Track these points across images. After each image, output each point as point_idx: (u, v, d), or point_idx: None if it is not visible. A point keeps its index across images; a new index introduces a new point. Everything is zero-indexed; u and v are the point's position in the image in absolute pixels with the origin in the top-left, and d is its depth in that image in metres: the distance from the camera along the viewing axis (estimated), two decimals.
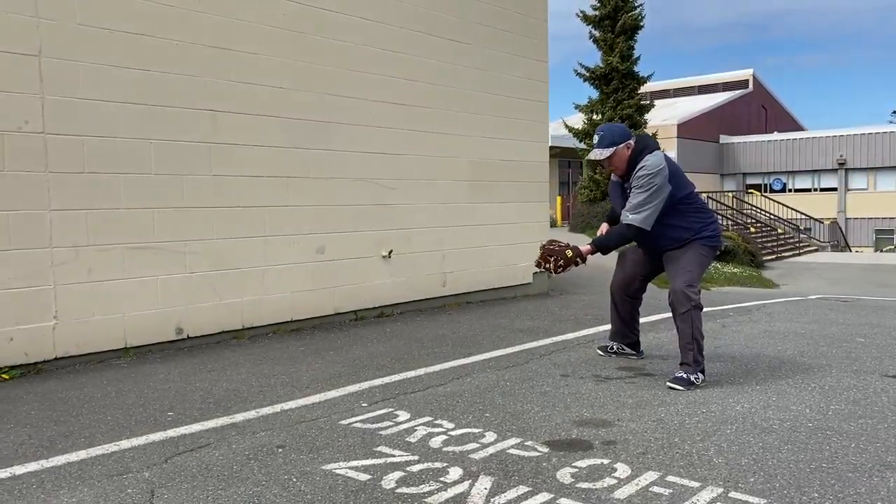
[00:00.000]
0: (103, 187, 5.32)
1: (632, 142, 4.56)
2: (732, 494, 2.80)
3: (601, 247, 4.62)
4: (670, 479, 2.96)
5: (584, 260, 4.62)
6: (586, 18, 22.89)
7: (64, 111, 5.10)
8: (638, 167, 4.48)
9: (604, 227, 5.00)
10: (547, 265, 4.58)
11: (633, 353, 5.18)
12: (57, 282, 5.12)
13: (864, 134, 32.87)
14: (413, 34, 7.54)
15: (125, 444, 3.51)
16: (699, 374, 4.43)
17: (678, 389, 4.31)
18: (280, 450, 3.38)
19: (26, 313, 5.00)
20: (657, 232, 4.54)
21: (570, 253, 4.56)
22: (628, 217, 4.49)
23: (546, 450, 3.31)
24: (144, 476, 3.08)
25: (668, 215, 4.51)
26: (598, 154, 4.54)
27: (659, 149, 4.61)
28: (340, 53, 6.86)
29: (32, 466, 3.23)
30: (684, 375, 4.40)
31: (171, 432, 3.67)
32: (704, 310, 4.64)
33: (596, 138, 4.60)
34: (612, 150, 4.52)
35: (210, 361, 5.37)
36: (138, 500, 2.83)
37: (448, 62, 7.95)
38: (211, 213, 5.96)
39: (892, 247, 29.89)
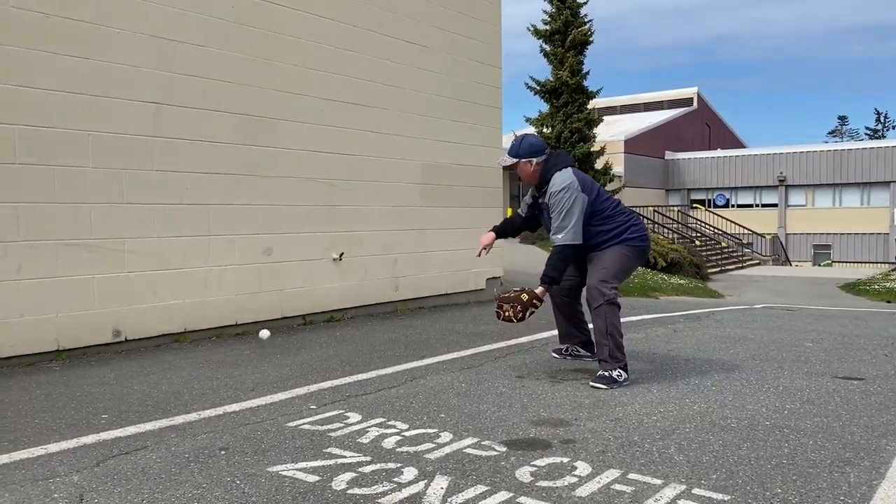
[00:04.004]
0: (36, 180, 5.03)
1: (537, 159, 4.58)
2: (696, 491, 2.72)
3: (550, 280, 4.55)
4: (632, 476, 2.87)
5: (540, 301, 4.56)
6: (538, 33, 23.16)
7: None
8: (549, 187, 4.50)
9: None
10: (507, 314, 4.54)
11: (588, 353, 5.07)
12: None
13: (802, 152, 33.98)
14: (368, 34, 7.41)
15: (53, 447, 3.25)
16: (620, 370, 4.39)
17: (601, 388, 4.27)
18: (223, 452, 3.17)
19: None
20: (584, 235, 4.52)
21: (525, 297, 4.51)
22: (557, 238, 4.48)
23: (504, 449, 3.19)
24: (73, 480, 2.85)
25: (587, 224, 4.50)
26: (503, 160, 4.67)
27: (570, 166, 4.59)
28: (293, 49, 6.69)
29: None
30: (605, 373, 4.37)
31: (105, 435, 3.43)
32: (654, 316, 4.60)
33: (509, 145, 4.65)
34: (513, 160, 4.60)
35: (149, 364, 5.10)
36: None
37: (403, 64, 7.84)
38: (152, 210, 5.69)
39: (829, 262, 30.88)
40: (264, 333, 4.84)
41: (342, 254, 7.21)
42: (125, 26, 5.47)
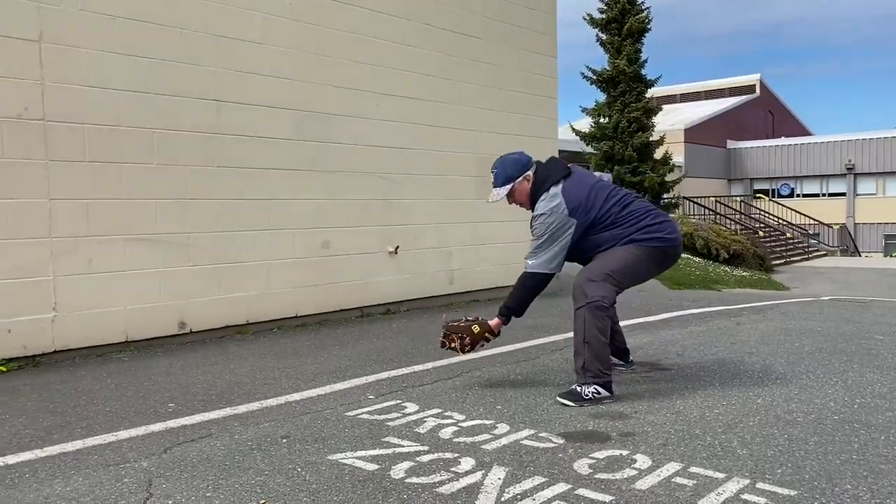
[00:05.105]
0: (105, 176, 5.21)
1: (530, 173, 3.98)
2: (760, 485, 2.65)
3: (508, 312, 4.00)
4: (693, 469, 2.82)
5: (494, 334, 4.05)
6: (593, 22, 22.81)
7: (64, 98, 5.00)
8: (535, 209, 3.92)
9: None
10: (452, 344, 4.05)
11: (621, 363, 4.45)
12: (56, 273, 5.00)
13: (872, 139, 32.62)
14: (421, 27, 7.43)
15: (123, 434, 3.38)
16: (596, 387, 3.73)
17: (568, 405, 3.69)
18: (284, 440, 3.24)
19: (24, 305, 4.88)
20: (581, 247, 3.93)
21: (476, 329, 4.00)
22: (528, 263, 3.90)
23: (562, 441, 3.17)
24: (142, 466, 2.95)
25: (585, 235, 3.90)
26: (494, 195, 4.00)
27: (562, 177, 3.93)
28: (348, 44, 6.75)
29: (26, 456, 3.10)
30: (574, 388, 3.78)
31: (172, 423, 3.54)
32: (716, 308, 4.42)
33: (491, 177, 4.05)
34: (509, 187, 3.97)
35: (213, 355, 5.24)
36: (135, 490, 2.70)
37: (456, 56, 7.83)
38: (214, 204, 5.84)
39: None
40: None
41: (398, 247, 7.26)
42: (187, 25, 5.61)
